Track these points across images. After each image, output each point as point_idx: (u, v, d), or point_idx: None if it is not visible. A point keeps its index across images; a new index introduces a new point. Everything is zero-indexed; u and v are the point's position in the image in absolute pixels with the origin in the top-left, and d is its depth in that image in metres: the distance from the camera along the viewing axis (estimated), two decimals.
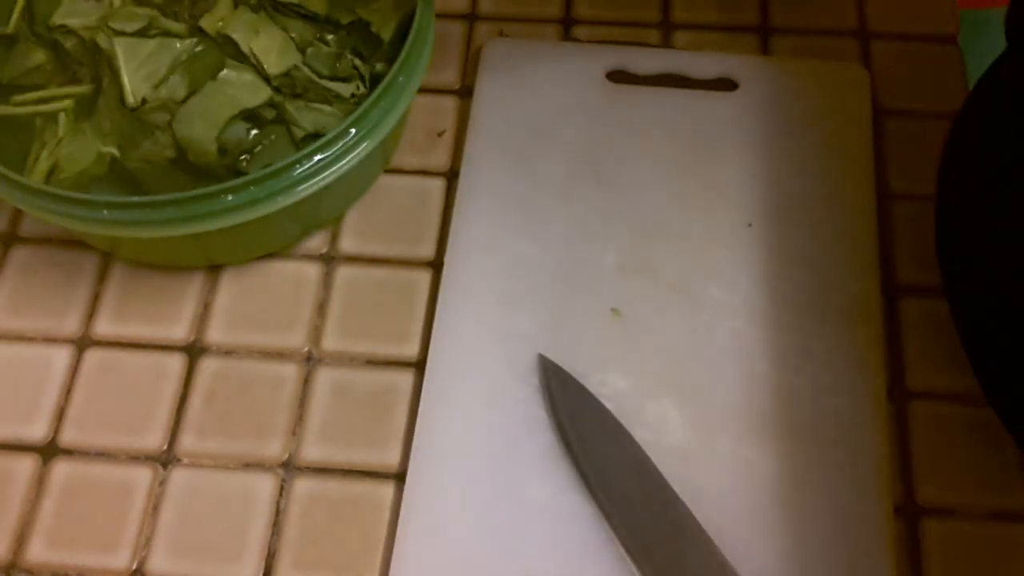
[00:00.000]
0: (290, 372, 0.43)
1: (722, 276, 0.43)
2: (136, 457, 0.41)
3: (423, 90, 0.44)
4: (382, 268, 0.45)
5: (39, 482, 0.41)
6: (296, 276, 0.45)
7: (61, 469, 0.41)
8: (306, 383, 0.42)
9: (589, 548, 0.38)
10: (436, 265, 0.45)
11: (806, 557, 0.37)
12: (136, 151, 0.42)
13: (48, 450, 0.41)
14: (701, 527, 0.37)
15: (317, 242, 0.46)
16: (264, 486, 0.40)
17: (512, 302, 0.43)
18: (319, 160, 0.39)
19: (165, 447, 0.41)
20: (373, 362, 0.43)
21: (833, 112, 0.48)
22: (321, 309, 0.44)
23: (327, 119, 0.43)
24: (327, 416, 0.42)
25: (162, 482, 0.41)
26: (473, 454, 0.40)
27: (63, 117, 0.43)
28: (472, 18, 0.52)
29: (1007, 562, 0.38)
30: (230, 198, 0.38)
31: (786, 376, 0.41)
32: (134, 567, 0.39)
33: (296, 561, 0.39)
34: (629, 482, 0.39)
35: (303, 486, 0.40)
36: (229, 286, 0.45)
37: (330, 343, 0.43)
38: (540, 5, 0.53)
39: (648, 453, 0.39)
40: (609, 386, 0.41)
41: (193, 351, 0.43)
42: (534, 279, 0.44)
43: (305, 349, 0.43)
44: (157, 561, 0.39)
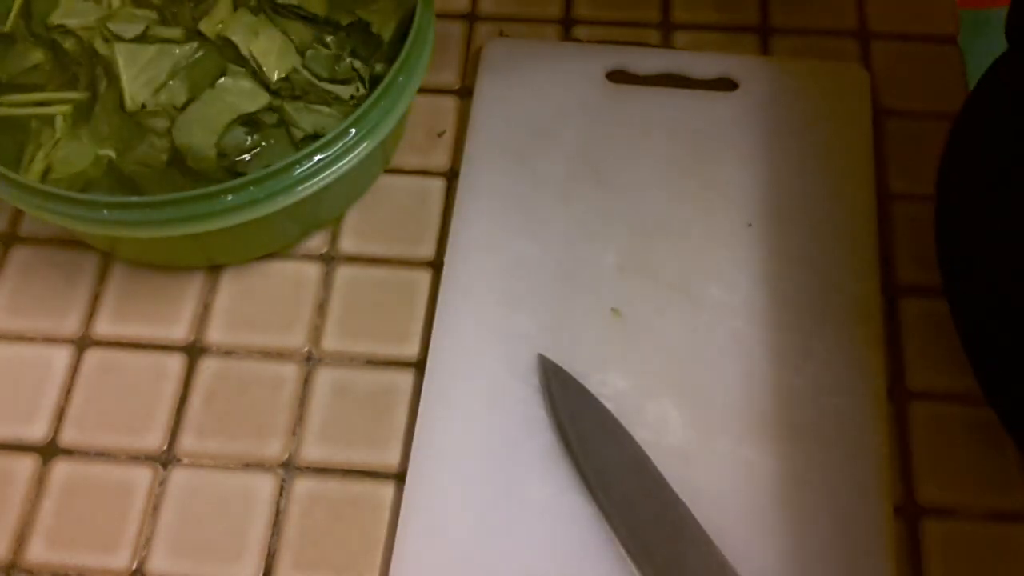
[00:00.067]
0: (290, 372, 0.43)
1: (722, 276, 0.43)
2: (136, 457, 0.41)
3: (423, 90, 0.44)
4: (382, 268, 0.45)
5: (39, 482, 0.41)
6: (296, 276, 0.45)
7: (61, 469, 0.41)
8: (306, 383, 0.42)
9: (589, 548, 0.38)
10: (436, 265, 0.45)
11: (806, 557, 0.37)
12: (132, 153, 0.42)
13: (48, 450, 0.41)
14: (701, 527, 0.37)
15: (317, 242, 0.46)
16: (264, 486, 0.40)
17: (512, 302, 0.43)
18: (319, 160, 0.39)
19: (165, 447, 0.41)
20: (373, 362, 0.43)
21: (833, 112, 0.48)
22: (321, 309, 0.44)
23: (326, 120, 0.43)
24: (327, 416, 0.42)
25: (162, 482, 0.41)
26: (473, 454, 0.40)
27: (60, 120, 0.43)
28: (472, 18, 0.52)
29: (1007, 562, 0.38)
30: (230, 198, 0.38)
31: (786, 376, 0.41)
32: (134, 567, 0.39)
33: (296, 561, 0.39)
34: (629, 482, 0.39)
35: (303, 486, 0.40)
36: (229, 286, 0.45)
37: (330, 343, 0.43)
38: (540, 5, 0.53)
39: (648, 453, 0.39)
40: (609, 386, 0.41)
41: (193, 351, 0.43)
42: (534, 279, 0.44)
43: (305, 349, 0.43)
44: (157, 561, 0.39)
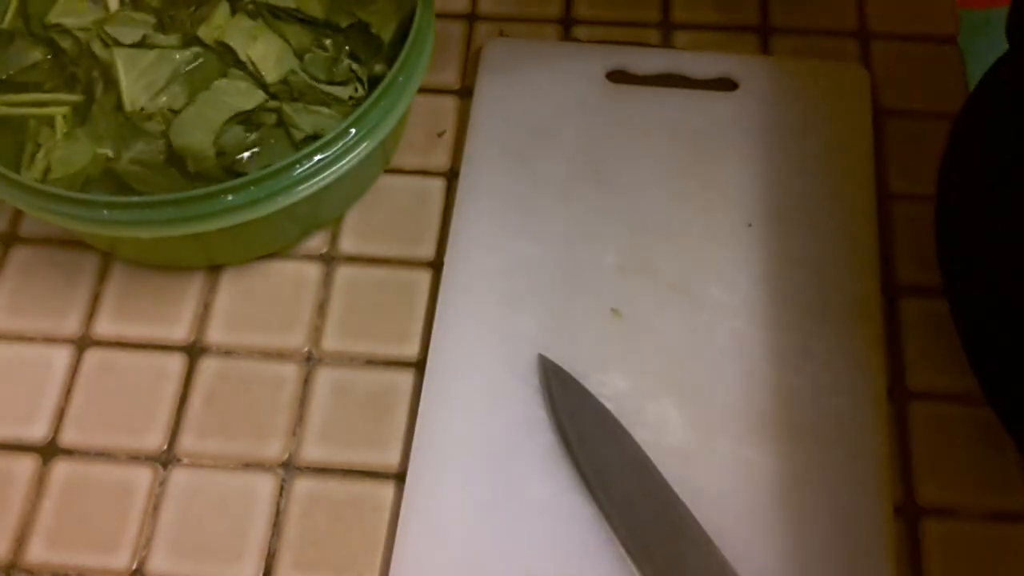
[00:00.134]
0: (290, 372, 0.43)
1: (722, 276, 0.43)
2: (136, 457, 0.41)
3: (423, 90, 0.44)
4: (382, 268, 0.45)
5: (39, 482, 0.41)
6: (296, 276, 0.45)
7: (61, 469, 0.41)
8: (306, 383, 0.42)
9: (589, 548, 0.38)
10: (436, 265, 0.45)
11: (806, 557, 0.37)
12: (129, 153, 0.42)
13: (48, 450, 0.41)
14: (701, 527, 0.37)
15: (317, 242, 0.46)
16: (264, 486, 0.40)
17: (512, 302, 0.43)
18: (319, 160, 0.39)
19: (165, 447, 0.41)
20: (373, 362, 0.43)
21: (833, 112, 0.48)
22: (321, 309, 0.44)
23: (326, 121, 0.43)
24: (327, 416, 0.42)
25: (162, 482, 0.41)
26: (473, 454, 0.40)
27: (60, 121, 0.43)
28: (472, 18, 0.52)
29: (1007, 562, 0.38)
30: (230, 198, 0.38)
31: (786, 376, 0.41)
32: (134, 567, 0.39)
33: (296, 561, 0.39)
34: (629, 482, 0.39)
35: (303, 486, 0.40)
36: (229, 286, 0.45)
37: (330, 343, 0.43)
38: (540, 5, 0.53)
39: (648, 453, 0.39)
40: (609, 386, 0.41)
41: (193, 351, 0.43)
42: (534, 279, 0.44)
43: (305, 349, 0.43)
44: (157, 561, 0.39)
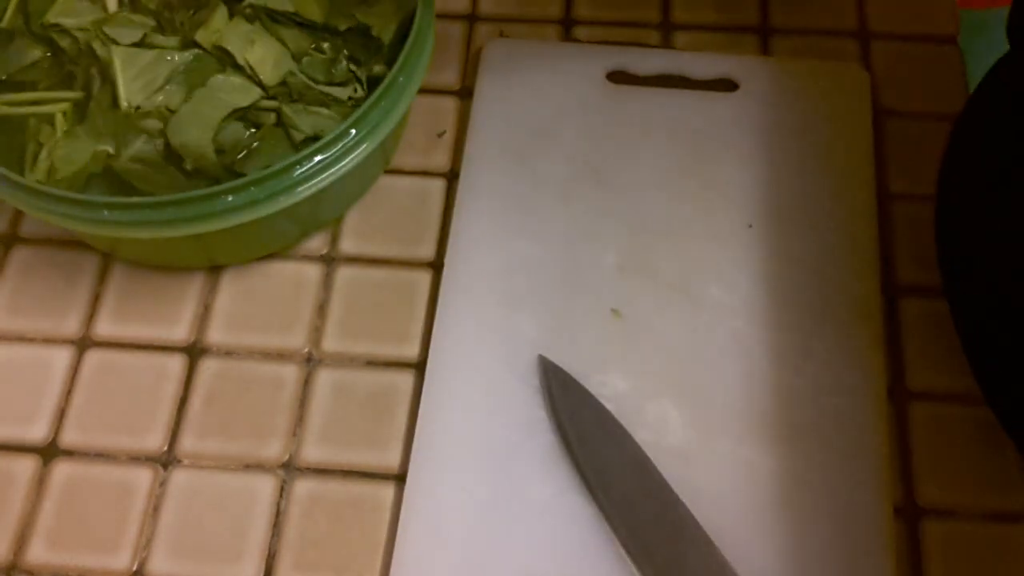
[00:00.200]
0: (290, 373, 0.43)
1: (722, 276, 0.43)
2: (136, 458, 0.41)
3: (423, 91, 0.44)
4: (382, 269, 0.45)
5: (39, 483, 0.41)
6: (296, 277, 0.45)
7: (61, 470, 0.41)
8: (306, 384, 0.42)
9: (589, 549, 0.38)
10: (436, 266, 0.45)
11: (806, 557, 0.37)
12: (127, 150, 0.42)
13: (48, 451, 0.41)
14: (701, 527, 0.37)
15: (317, 243, 0.46)
16: (264, 487, 0.40)
17: (512, 303, 0.43)
18: (319, 161, 0.39)
19: (165, 448, 0.41)
20: (373, 363, 0.43)
21: (833, 112, 0.48)
22: (321, 310, 0.44)
23: (326, 122, 0.43)
24: (327, 417, 0.42)
25: (162, 483, 0.41)
26: (473, 455, 0.40)
27: (60, 119, 0.43)
28: (472, 19, 0.52)
29: (1007, 563, 0.38)
30: (230, 199, 0.38)
31: (786, 376, 0.41)
32: (134, 568, 0.39)
33: (296, 562, 0.39)
34: (629, 483, 0.39)
35: (303, 487, 0.40)
36: (229, 287, 0.45)
37: (330, 344, 0.43)
38: (540, 6, 0.53)
39: (648, 453, 0.39)
40: (609, 387, 0.41)
41: (193, 352, 0.43)
42: (534, 279, 0.44)
43: (305, 350, 0.43)
44: (157, 562, 0.39)
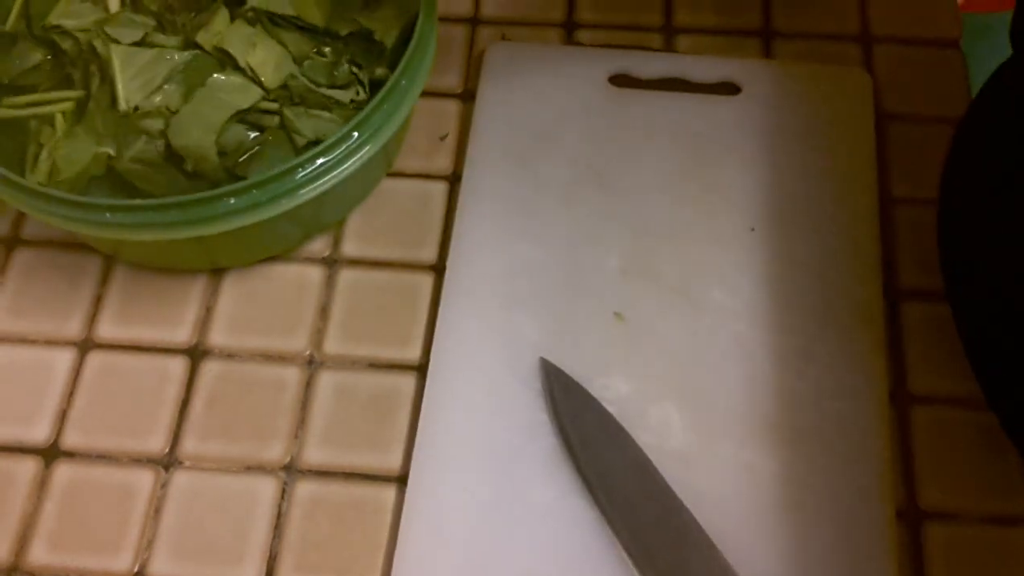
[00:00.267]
0: (292, 375, 0.43)
1: (725, 280, 0.43)
2: (138, 460, 0.41)
3: (425, 94, 0.44)
4: (384, 271, 0.45)
5: (41, 484, 0.41)
6: (298, 279, 0.45)
7: (63, 472, 0.41)
8: (308, 386, 0.42)
9: (591, 552, 0.38)
10: (438, 269, 0.45)
11: (808, 561, 0.37)
12: (128, 151, 0.42)
13: (50, 452, 0.41)
14: (703, 531, 0.37)
15: (319, 245, 0.46)
16: (266, 489, 0.40)
17: (514, 305, 0.43)
18: (321, 164, 0.39)
19: (167, 450, 0.41)
20: (375, 365, 0.43)
21: (836, 116, 0.48)
22: (323, 312, 0.44)
23: (327, 125, 0.43)
24: (329, 419, 0.42)
25: (164, 485, 0.41)
26: (475, 457, 0.40)
27: (60, 119, 0.43)
28: (474, 22, 0.52)
29: (1009, 567, 0.38)
30: (233, 201, 0.38)
31: (788, 380, 0.41)
32: (136, 570, 0.39)
33: (298, 564, 0.39)
34: (631, 486, 0.38)
35: (305, 489, 0.40)
36: (231, 289, 0.45)
37: (332, 346, 0.43)
38: (543, 9, 0.53)
39: (650, 457, 0.39)
40: (611, 390, 0.41)
41: (195, 354, 0.43)
42: (536, 283, 0.44)
43: (307, 352, 0.43)
44: (159, 564, 0.39)
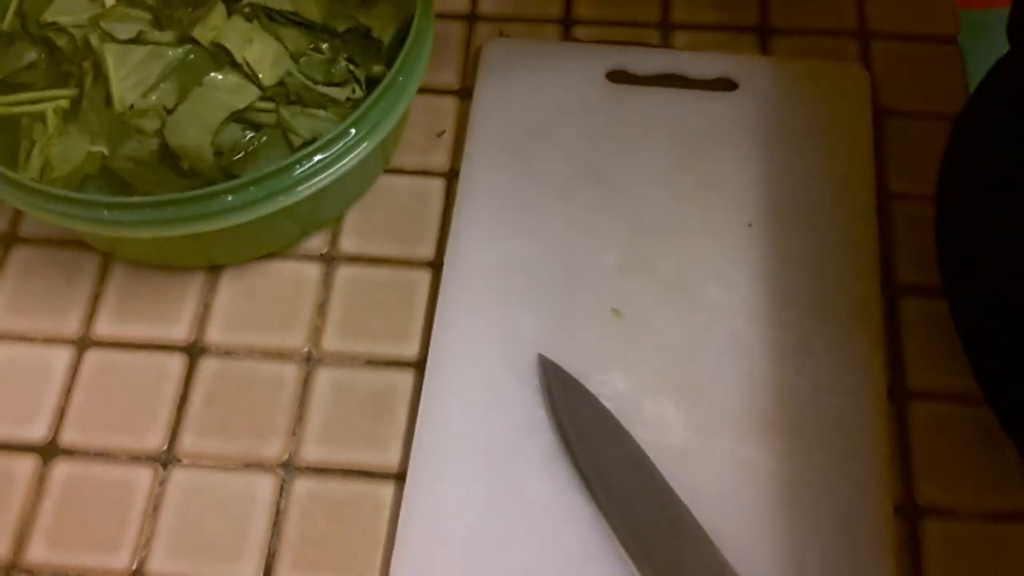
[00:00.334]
0: (290, 372, 0.43)
1: (722, 276, 0.43)
2: (136, 457, 0.41)
3: (423, 90, 0.44)
4: (382, 268, 0.45)
5: (39, 482, 0.41)
6: (296, 276, 0.45)
7: (61, 469, 0.41)
8: (306, 383, 0.43)
9: (589, 548, 0.38)
10: (436, 265, 0.45)
11: (806, 557, 0.37)
12: (123, 150, 0.42)
13: (48, 450, 0.41)
14: (701, 527, 0.37)
15: (317, 242, 0.46)
16: (264, 486, 0.40)
17: (512, 302, 0.43)
18: (319, 160, 0.39)
19: (165, 447, 0.41)
20: (373, 362, 0.43)
21: (833, 112, 0.48)
22: (321, 309, 0.44)
23: (323, 125, 0.43)
24: (327, 416, 0.42)
25: (162, 482, 0.41)
26: (473, 454, 0.40)
27: (51, 115, 0.43)
28: (472, 18, 0.52)
29: (1007, 562, 0.38)
30: (230, 198, 0.38)
31: (786, 376, 0.41)
32: (134, 567, 0.39)
33: (296, 561, 0.39)
34: (629, 482, 0.39)
35: (303, 486, 0.40)
36: (229, 286, 0.45)
37: (330, 343, 0.43)
38: (540, 5, 0.53)
39: (648, 453, 0.39)
40: (609, 386, 0.41)
41: (193, 351, 0.43)
42: (534, 279, 0.44)
43: (305, 349, 0.43)
44: (157, 561, 0.39)
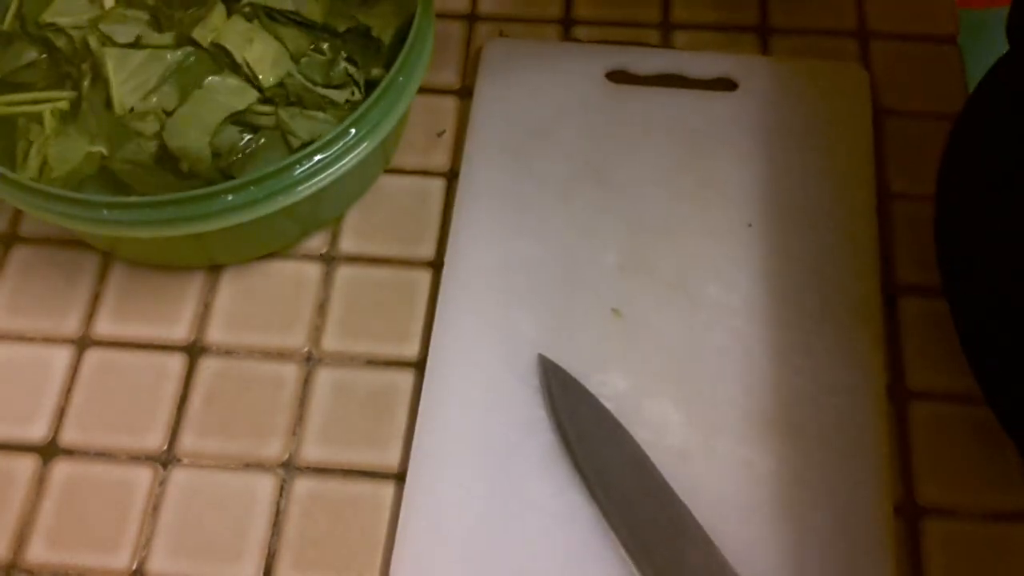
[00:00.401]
0: (290, 372, 0.43)
1: (722, 276, 0.44)
2: (136, 457, 0.41)
3: (423, 90, 0.44)
4: (382, 268, 0.45)
5: (39, 482, 0.41)
6: (296, 276, 0.45)
7: (61, 469, 0.41)
8: (306, 383, 0.42)
9: (589, 548, 0.38)
10: (436, 265, 0.45)
11: (806, 557, 0.37)
12: (122, 152, 0.42)
13: (48, 450, 0.41)
14: (700, 526, 0.38)
15: (317, 242, 0.46)
16: (264, 486, 0.40)
17: (512, 302, 0.43)
18: (319, 160, 0.39)
19: (165, 447, 0.41)
20: (373, 362, 0.43)
21: (833, 112, 0.48)
22: (321, 309, 0.44)
23: (322, 127, 0.43)
24: (327, 416, 0.42)
25: (162, 482, 0.41)
26: (473, 454, 0.40)
27: (48, 116, 0.43)
28: (472, 18, 0.52)
29: (1007, 562, 0.38)
30: (230, 198, 0.38)
31: (786, 376, 0.41)
32: (134, 567, 0.39)
33: (296, 561, 0.39)
34: (629, 482, 0.39)
35: (303, 486, 0.40)
36: (229, 286, 0.45)
37: (330, 343, 0.43)
38: (540, 5, 0.53)
39: (648, 453, 0.39)
40: (609, 386, 0.41)
41: (193, 351, 0.43)
42: (534, 279, 0.44)
43: (305, 349, 0.43)
44: (157, 561, 0.39)
